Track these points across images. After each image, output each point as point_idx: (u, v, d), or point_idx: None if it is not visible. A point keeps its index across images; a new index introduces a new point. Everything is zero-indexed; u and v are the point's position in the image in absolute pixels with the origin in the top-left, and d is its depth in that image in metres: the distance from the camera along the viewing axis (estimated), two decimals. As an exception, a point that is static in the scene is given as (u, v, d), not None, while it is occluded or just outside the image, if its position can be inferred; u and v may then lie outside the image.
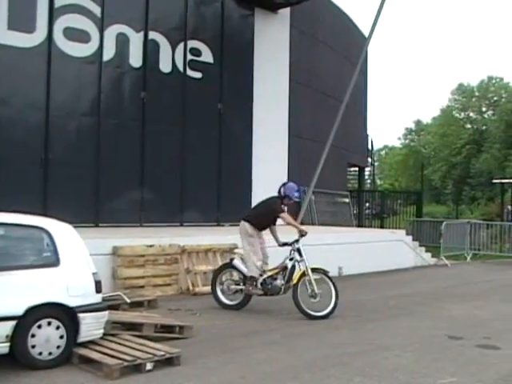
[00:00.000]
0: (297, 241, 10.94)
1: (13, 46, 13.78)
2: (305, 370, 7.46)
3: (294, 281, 10.65)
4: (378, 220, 30.62)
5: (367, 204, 32.04)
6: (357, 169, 31.67)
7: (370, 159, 35.28)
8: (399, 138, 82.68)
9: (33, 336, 7.13)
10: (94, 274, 7.74)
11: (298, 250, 10.84)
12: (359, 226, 27.03)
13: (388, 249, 17.86)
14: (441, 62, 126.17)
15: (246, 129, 18.61)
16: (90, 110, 15.31)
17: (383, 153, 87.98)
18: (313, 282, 10.57)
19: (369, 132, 32.83)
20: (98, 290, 7.75)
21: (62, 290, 7.39)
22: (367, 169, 35.97)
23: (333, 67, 23.30)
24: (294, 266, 10.89)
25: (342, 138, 22.12)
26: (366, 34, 20.04)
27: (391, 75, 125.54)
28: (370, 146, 34.69)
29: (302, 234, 10.95)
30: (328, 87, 22.58)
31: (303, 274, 10.64)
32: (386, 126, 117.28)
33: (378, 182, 68.70)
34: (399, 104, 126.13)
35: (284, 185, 11.64)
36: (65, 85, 14.74)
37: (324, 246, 15.06)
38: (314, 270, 10.75)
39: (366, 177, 38.02)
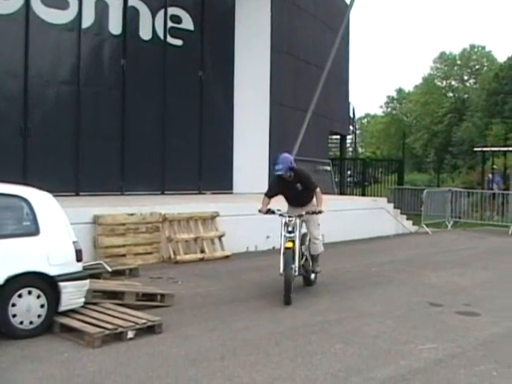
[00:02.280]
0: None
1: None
2: (286, 337, 7.52)
3: None
4: (360, 188, 30.68)
5: (349, 172, 32.05)
6: (338, 137, 31.60)
7: (351, 127, 35.22)
8: (381, 107, 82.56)
9: (13, 305, 7.14)
10: (74, 242, 7.73)
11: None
12: (341, 193, 27.07)
13: (369, 216, 17.95)
14: (423, 29, 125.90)
15: (227, 96, 18.55)
16: (70, 78, 15.19)
17: (365, 121, 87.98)
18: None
19: (351, 100, 32.76)
20: (79, 258, 7.75)
21: (43, 258, 7.38)
22: (349, 137, 35.94)
23: (314, 35, 23.13)
24: None
25: (323, 106, 22.04)
26: (348, 1, 19.97)
27: (373, 43, 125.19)
28: (351, 114, 34.59)
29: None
30: (310, 55, 22.44)
31: None
32: (368, 94, 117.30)
33: (360, 150, 68.78)
34: (381, 72, 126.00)
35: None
36: (43, 52, 14.60)
37: (304, 213, 15.08)
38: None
39: (348, 145, 38.02)
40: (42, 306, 7.33)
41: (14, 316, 7.15)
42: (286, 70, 20.71)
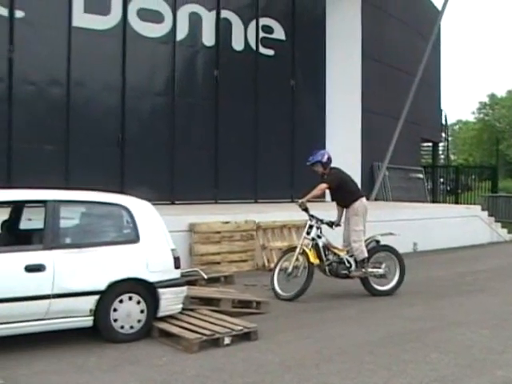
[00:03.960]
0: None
1: (89, 29, 14.12)
2: (380, 345, 7.51)
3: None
4: (453, 196, 30.24)
5: (441, 179, 31.65)
6: (430, 144, 31.29)
7: (443, 134, 34.76)
8: (473, 113, 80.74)
9: (115, 310, 7.36)
10: (172, 250, 7.91)
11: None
12: (433, 201, 26.76)
13: (463, 224, 17.66)
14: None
15: (318, 105, 18.60)
16: (165, 90, 15.56)
17: (457, 127, 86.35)
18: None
19: (442, 106, 32.36)
20: (177, 265, 7.92)
21: (142, 265, 7.58)
22: (441, 144, 35.45)
23: (405, 42, 23.00)
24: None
25: (415, 113, 21.87)
26: (439, 7, 19.76)
27: (465, 48, 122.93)
28: (443, 121, 34.14)
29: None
30: (400, 62, 22.31)
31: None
32: (460, 100, 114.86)
33: (452, 157, 67.56)
34: (473, 77, 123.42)
35: None
36: (139, 65, 15.01)
37: (398, 221, 15.02)
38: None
39: (440, 152, 37.48)
40: (142, 311, 7.53)
41: (116, 320, 7.37)
42: (378, 78, 20.67)
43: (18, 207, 8.49)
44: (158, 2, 15.22)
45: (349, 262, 10.47)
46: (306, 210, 10.61)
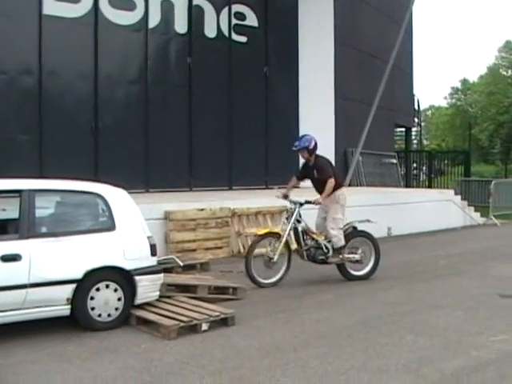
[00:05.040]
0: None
1: (60, 17, 14.04)
2: (357, 329, 7.61)
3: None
4: (426, 180, 30.47)
5: (414, 164, 31.88)
6: (403, 129, 31.47)
7: (416, 119, 34.97)
8: (445, 98, 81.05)
9: (92, 298, 7.40)
10: (148, 237, 7.95)
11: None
12: (407, 186, 26.97)
13: (437, 209, 17.87)
14: (487, 18, 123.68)
15: (291, 91, 18.66)
16: (138, 78, 15.54)
17: (429, 113, 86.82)
18: None
19: (415, 92, 32.54)
20: (153, 253, 7.96)
21: (119, 253, 7.61)
22: (414, 129, 35.72)
23: (377, 27, 23.07)
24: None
25: (388, 99, 21.99)
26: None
27: (436, 33, 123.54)
28: (416, 106, 34.35)
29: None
30: (373, 48, 22.40)
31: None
32: (432, 85, 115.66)
33: (425, 142, 67.99)
34: (445, 63, 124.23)
35: None
36: (112, 53, 14.96)
37: (373, 206, 15.19)
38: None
39: (413, 137, 37.77)
40: (119, 299, 7.57)
41: (93, 309, 7.40)
42: (350, 64, 20.74)
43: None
44: (129, -11, 15.20)
45: (327, 247, 10.47)
46: (286, 197, 10.81)
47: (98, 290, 7.44)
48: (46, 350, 6.70)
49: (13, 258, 6.95)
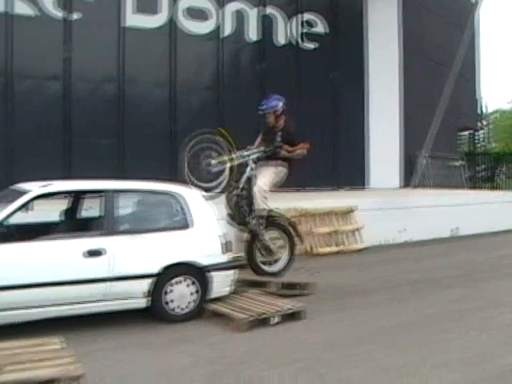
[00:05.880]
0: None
1: (139, 28, 14.64)
2: (420, 325, 7.80)
3: None
4: (491, 183, 30.09)
5: (481, 167, 31.52)
6: (468, 132, 31.23)
7: (481, 123, 34.55)
8: (509, 102, 79.10)
9: (168, 292, 7.76)
10: (222, 235, 8.30)
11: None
12: (472, 188, 26.75)
13: (501, 210, 17.76)
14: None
15: (359, 96, 18.81)
16: (212, 84, 15.99)
17: (495, 116, 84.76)
18: None
19: (481, 95, 32.18)
20: (227, 250, 8.30)
21: (193, 250, 7.96)
22: (479, 132, 35.31)
23: (442, 33, 23.02)
24: None
25: (453, 103, 21.87)
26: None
27: (506, 37, 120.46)
28: (481, 110, 33.95)
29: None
30: (437, 53, 22.31)
31: None
32: (500, 89, 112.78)
33: (493, 145, 66.52)
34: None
35: None
36: (187, 62, 15.47)
37: (438, 207, 15.24)
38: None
39: (478, 140, 37.28)
40: (193, 293, 7.91)
41: (169, 302, 7.78)
42: (416, 69, 20.77)
43: (77, 196, 8.96)
44: (204, 1, 15.69)
45: (252, 209, 9.87)
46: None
47: (173, 284, 7.79)
48: (125, 339, 7.07)
49: (96, 252, 7.37)
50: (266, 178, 9.89)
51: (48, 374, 5.08)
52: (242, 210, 9.85)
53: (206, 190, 9.18)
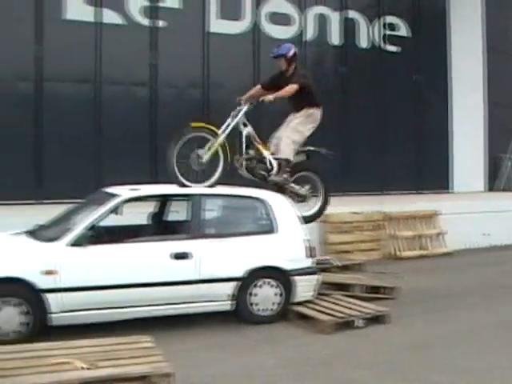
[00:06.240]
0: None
1: (223, 34, 14.84)
2: (505, 329, 7.76)
3: None
4: None
5: None
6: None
7: None
8: None
9: (253, 294, 7.91)
10: (307, 240, 8.34)
11: None
12: None
13: None
14: None
15: (442, 98, 18.54)
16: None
17: None
18: None
19: None
20: (311, 255, 8.35)
21: (279, 254, 8.07)
22: None
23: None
24: None
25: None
26: None
27: None
28: None
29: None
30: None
31: None
32: None
33: None
34: None
35: None
36: (271, 66, 15.53)
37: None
38: None
39: None
40: (278, 294, 8.02)
41: (254, 304, 7.92)
42: (502, 69, 20.37)
43: (165, 200, 9.21)
44: (287, 6, 15.79)
45: (271, 163, 9.19)
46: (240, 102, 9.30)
47: (258, 286, 7.93)
48: (211, 340, 7.25)
49: (184, 255, 7.57)
50: (301, 126, 9.53)
51: (140, 371, 5.25)
52: (257, 175, 9.24)
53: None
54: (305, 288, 8.28)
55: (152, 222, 9.23)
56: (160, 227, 8.88)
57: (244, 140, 9.10)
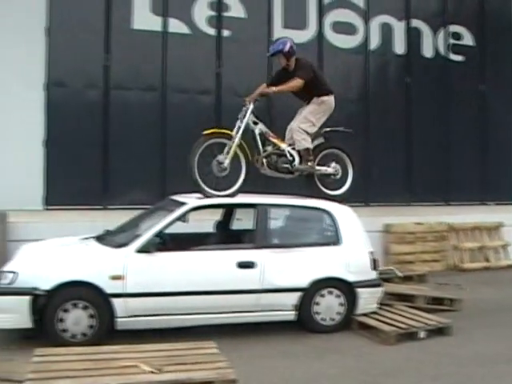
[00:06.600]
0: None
1: (287, 43, 14.91)
2: None
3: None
4: None
5: None
6: None
7: None
8: None
9: (316, 304, 7.96)
10: (371, 252, 8.38)
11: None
12: None
13: None
14: None
15: (507, 108, 18.27)
16: (358, 97, 16.04)
17: None
18: None
19: None
20: (375, 267, 8.38)
21: (343, 266, 8.10)
22: None
23: None
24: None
25: None
26: None
27: None
28: None
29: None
30: None
31: None
32: None
33: None
34: None
35: None
36: (335, 75, 15.55)
37: None
38: None
39: None
40: (342, 304, 8.07)
41: (317, 313, 7.98)
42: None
43: (230, 209, 9.37)
44: (351, 15, 15.77)
45: (291, 154, 9.14)
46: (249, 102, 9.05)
47: (322, 296, 7.98)
48: (275, 348, 7.32)
49: (248, 265, 7.69)
50: (312, 115, 9.29)
51: (205, 376, 5.37)
52: (281, 169, 9.21)
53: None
54: (368, 300, 8.31)
55: (217, 231, 9.37)
56: (225, 236, 9.01)
57: (258, 138, 9.04)
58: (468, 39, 17.49)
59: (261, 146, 9.05)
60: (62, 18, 13.12)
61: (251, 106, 8.89)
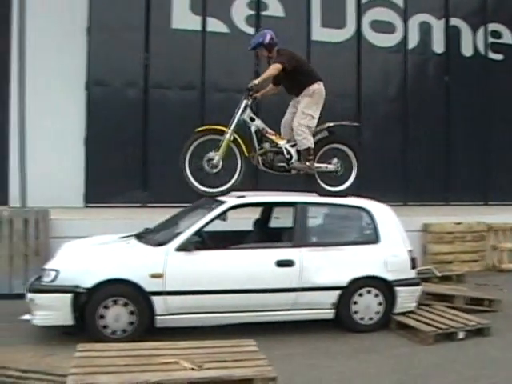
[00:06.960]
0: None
1: (326, 42, 14.92)
2: None
3: None
4: None
5: None
6: None
7: None
8: None
9: (355, 303, 7.96)
10: (409, 251, 8.35)
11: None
12: None
13: None
14: None
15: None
16: (397, 96, 15.98)
17: None
18: None
19: None
20: (414, 266, 8.35)
21: (381, 265, 8.09)
22: None
23: None
24: None
25: None
26: None
27: None
28: None
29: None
30: None
31: None
32: None
33: None
34: None
35: None
36: (373, 74, 15.56)
37: None
38: None
39: None
40: (380, 303, 8.07)
41: (356, 312, 7.98)
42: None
43: (269, 208, 9.39)
44: (389, 14, 15.70)
45: (289, 152, 8.93)
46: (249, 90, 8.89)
47: (360, 295, 7.99)
48: (313, 347, 7.37)
49: (287, 263, 7.71)
50: (308, 109, 8.97)
51: (245, 374, 5.42)
52: (276, 167, 9.03)
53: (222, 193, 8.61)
54: (407, 299, 8.28)
55: (256, 229, 9.40)
56: (264, 234, 9.01)
57: (254, 135, 8.91)
58: (508, 37, 17.31)
59: (256, 144, 8.94)
60: (103, 18, 13.32)
61: (244, 102, 8.82)
